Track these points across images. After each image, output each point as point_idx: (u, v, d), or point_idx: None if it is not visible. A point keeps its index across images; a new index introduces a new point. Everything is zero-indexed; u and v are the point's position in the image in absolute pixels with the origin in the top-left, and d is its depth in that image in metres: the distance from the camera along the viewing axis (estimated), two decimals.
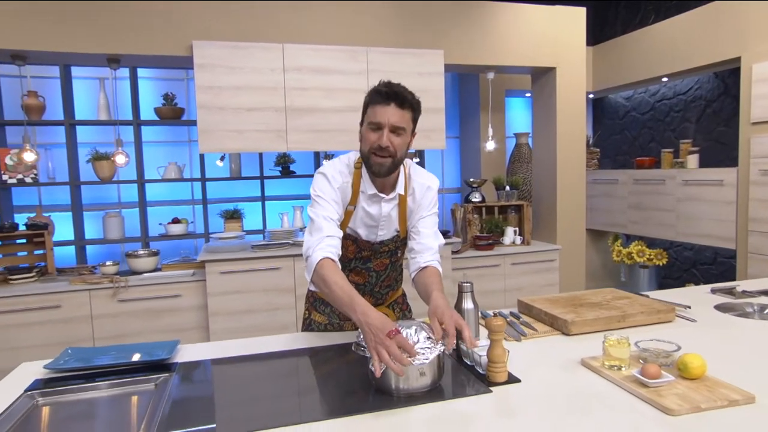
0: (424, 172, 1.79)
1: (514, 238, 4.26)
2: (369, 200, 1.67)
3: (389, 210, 1.70)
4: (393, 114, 1.53)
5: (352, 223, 1.71)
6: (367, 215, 1.69)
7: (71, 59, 3.62)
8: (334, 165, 1.68)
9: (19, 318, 3.25)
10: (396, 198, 1.69)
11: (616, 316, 1.73)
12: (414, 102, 1.59)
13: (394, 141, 1.55)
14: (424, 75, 3.81)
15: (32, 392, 1.34)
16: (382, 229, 1.72)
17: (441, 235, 1.78)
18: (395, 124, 1.54)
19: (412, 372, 1.23)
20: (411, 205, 1.73)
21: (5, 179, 4.05)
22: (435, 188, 1.76)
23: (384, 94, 1.53)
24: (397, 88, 1.55)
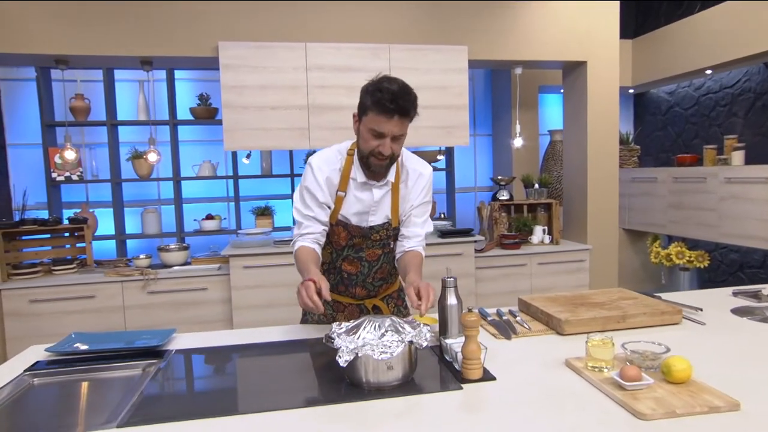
0: (417, 158, 1.81)
1: (543, 237, 4.15)
2: (360, 187, 1.71)
3: (380, 196, 1.72)
4: (396, 126, 1.55)
5: (344, 210, 1.73)
6: (358, 201, 1.72)
7: (108, 62, 3.81)
8: (322, 153, 1.74)
9: (59, 306, 3.46)
10: (387, 184, 1.72)
11: (616, 316, 1.66)
12: (414, 106, 1.58)
13: (394, 147, 1.60)
14: (447, 71, 3.77)
15: (30, 372, 1.43)
16: (372, 215, 1.75)
17: (431, 224, 1.85)
18: (397, 134, 1.58)
19: (379, 366, 1.23)
20: (403, 191, 1.76)
21: (54, 177, 4.31)
22: (427, 175, 1.78)
23: (389, 110, 1.51)
24: (402, 101, 1.52)
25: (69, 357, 1.53)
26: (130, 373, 1.44)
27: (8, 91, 4.62)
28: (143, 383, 1.32)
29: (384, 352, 1.19)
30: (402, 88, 1.54)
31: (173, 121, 4.44)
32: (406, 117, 1.56)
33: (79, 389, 1.38)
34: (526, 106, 4.90)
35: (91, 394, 1.36)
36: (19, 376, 1.41)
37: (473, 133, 5.35)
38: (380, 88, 1.53)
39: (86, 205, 4.54)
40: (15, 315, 3.42)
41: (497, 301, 3.93)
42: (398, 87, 1.53)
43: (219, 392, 1.32)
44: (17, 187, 4.61)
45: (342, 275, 1.82)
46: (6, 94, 4.61)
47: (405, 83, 1.58)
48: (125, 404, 1.19)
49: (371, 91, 1.56)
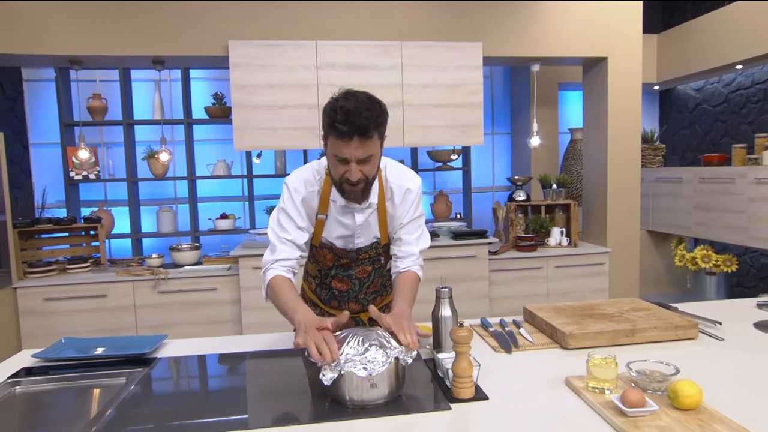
0: (403, 171, 1.64)
1: (561, 239, 4.02)
2: (341, 210, 1.58)
3: (364, 218, 1.60)
4: (357, 148, 1.36)
5: (326, 233, 1.62)
6: (341, 225, 1.60)
7: (120, 62, 3.83)
8: (299, 173, 1.60)
9: (73, 305, 3.49)
10: (371, 206, 1.59)
11: (624, 330, 1.56)
12: (379, 119, 1.39)
13: (364, 170, 1.43)
14: (461, 69, 3.67)
15: (13, 380, 1.41)
16: (358, 237, 1.63)
17: (427, 238, 1.70)
18: (362, 157, 1.39)
19: (363, 383, 1.16)
20: (390, 210, 1.62)
21: (72, 176, 4.36)
22: (415, 189, 1.62)
23: (344, 133, 1.33)
24: (359, 120, 1.32)
25: (56, 363, 1.51)
26: (114, 382, 1.41)
27: (31, 91, 4.70)
28: (121, 395, 1.28)
29: (366, 369, 1.12)
30: (360, 103, 1.35)
31: (188, 120, 4.44)
32: (367, 137, 1.35)
33: (59, 399, 1.35)
34: (546, 103, 4.76)
35: (69, 404, 1.33)
36: (4, 383, 1.39)
37: (491, 132, 5.23)
38: (335, 107, 1.36)
39: (103, 203, 4.59)
40: (30, 313, 3.46)
41: (511, 304, 3.82)
42: (355, 103, 1.34)
43: (193, 407, 1.26)
44: (39, 186, 4.70)
45: (333, 292, 1.74)
46: (29, 94, 4.69)
47: (367, 97, 1.40)
48: (99, 417, 1.15)
49: (327, 112, 1.39)
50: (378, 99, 1.44)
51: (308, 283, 1.80)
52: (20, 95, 4.71)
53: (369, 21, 3.66)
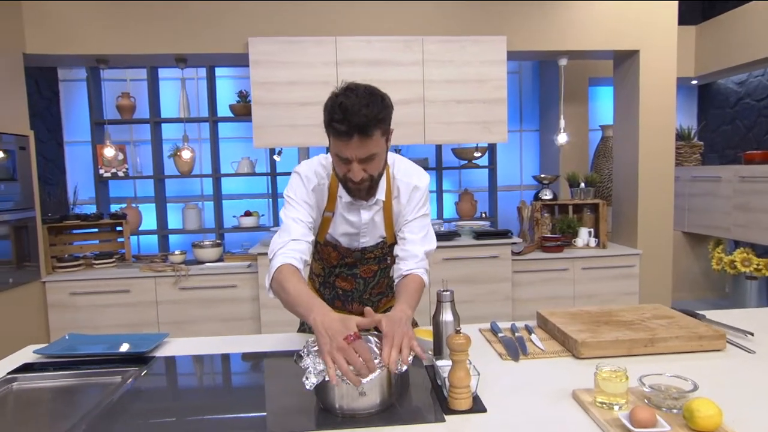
0: (411, 168, 1.58)
1: (588, 240, 3.87)
2: (347, 207, 1.52)
3: (370, 216, 1.54)
4: (358, 148, 1.30)
5: (332, 230, 1.57)
6: (347, 223, 1.54)
7: (144, 60, 3.88)
8: (310, 164, 1.55)
9: (98, 299, 3.56)
10: (377, 203, 1.53)
11: (643, 339, 1.45)
12: (380, 115, 1.30)
13: (368, 168, 1.37)
14: (485, 63, 3.56)
15: (12, 375, 1.41)
16: (364, 236, 1.58)
17: (432, 239, 1.60)
18: (363, 156, 1.33)
19: (351, 391, 1.10)
20: (396, 207, 1.56)
21: (102, 173, 4.46)
22: (423, 187, 1.55)
23: (343, 132, 1.27)
24: (357, 118, 1.25)
25: (56, 360, 1.51)
26: (109, 380, 1.39)
27: (66, 91, 4.83)
28: (111, 395, 1.26)
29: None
30: (360, 99, 1.27)
31: (213, 118, 4.47)
32: (367, 136, 1.28)
33: (51, 397, 1.34)
34: (575, 99, 4.60)
35: (60, 402, 1.32)
36: (3, 378, 1.39)
37: (519, 129, 5.10)
38: (334, 104, 1.29)
39: (131, 200, 4.68)
40: (57, 306, 3.54)
41: (535, 307, 3.69)
42: (354, 99, 1.26)
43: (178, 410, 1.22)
44: (72, 183, 4.83)
45: (337, 291, 1.69)
46: (64, 94, 4.83)
47: (368, 91, 1.31)
48: (84, 419, 1.13)
49: (327, 109, 1.32)
50: (380, 93, 1.35)
51: (312, 281, 1.77)
52: (56, 95, 4.85)
53: (390, 16, 3.59)
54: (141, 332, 3.55)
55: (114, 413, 1.17)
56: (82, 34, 3.49)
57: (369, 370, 1.05)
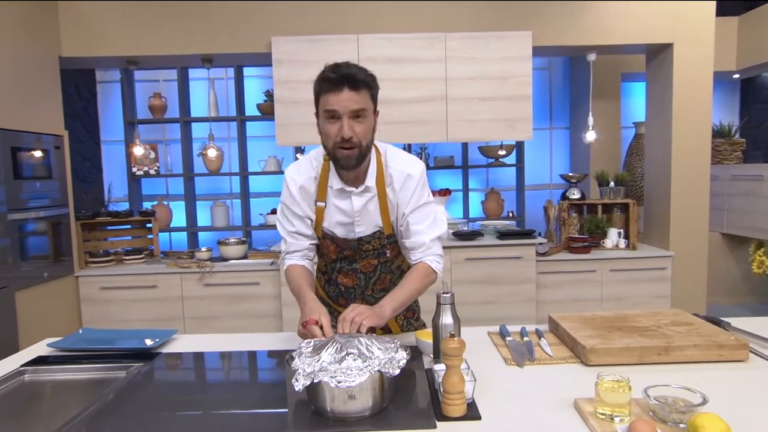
0: (402, 157, 1.59)
1: (618, 241, 3.74)
2: (338, 195, 1.56)
3: (362, 204, 1.55)
4: (348, 99, 1.38)
5: (327, 222, 1.59)
6: (339, 211, 1.57)
7: (172, 61, 3.96)
8: (297, 163, 1.62)
9: (126, 294, 3.66)
10: (369, 191, 1.54)
11: (657, 346, 1.38)
12: (368, 78, 1.43)
13: (356, 129, 1.41)
14: (509, 60, 3.48)
15: (26, 368, 1.46)
16: (359, 226, 1.58)
17: (440, 224, 1.61)
18: (353, 109, 1.39)
19: (340, 394, 1.09)
20: (392, 196, 1.56)
21: (134, 171, 4.59)
22: (417, 175, 1.55)
23: (334, 80, 1.38)
24: (346, 70, 1.40)
25: (68, 354, 1.55)
26: (114, 375, 1.42)
27: (103, 92, 5.00)
28: (112, 390, 1.28)
29: (340, 381, 1.05)
30: (349, 63, 1.43)
31: (240, 117, 4.54)
32: (360, 88, 1.40)
33: (58, 390, 1.38)
34: (607, 95, 4.45)
35: (65, 396, 1.36)
36: (16, 370, 1.44)
37: (549, 127, 4.98)
38: (324, 69, 1.44)
39: (162, 198, 4.80)
40: (89, 300, 3.67)
41: (560, 309, 3.58)
42: (345, 64, 1.42)
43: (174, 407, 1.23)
44: (108, 181, 5.00)
45: (339, 288, 1.68)
46: (101, 95, 5.00)
47: (359, 65, 1.45)
48: (81, 414, 1.15)
49: (317, 79, 1.46)
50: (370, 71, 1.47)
51: (318, 279, 1.77)
52: (94, 96, 5.01)
53: (412, 13, 3.56)
54: (167, 327, 3.64)
55: (109, 410, 1.19)
56: (113, 36, 3.60)
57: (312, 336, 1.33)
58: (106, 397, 1.23)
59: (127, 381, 1.35)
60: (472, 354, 1.49)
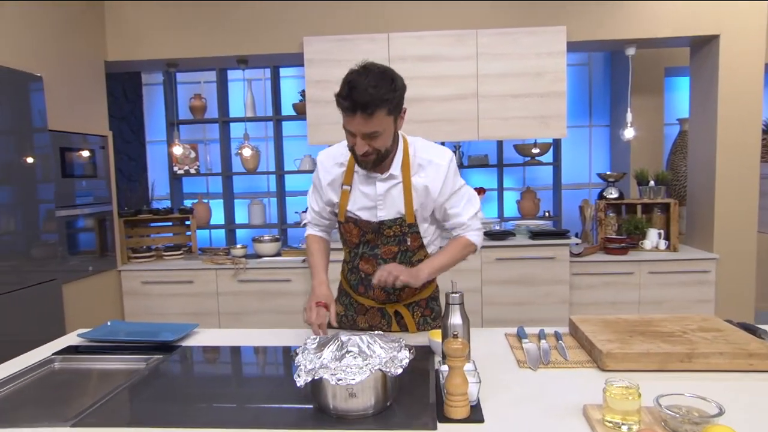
0: (431, 147, 1.63)
1: (658, 242, 3.59)
2: (363, 180, 1.61)
3: (386, 189, 1.60)
4: (361, 124, 1.40)
5: (351, 205, 1.64)
6: (364, 195, 1.62)
7: (209, 63, 4.07)
8: (329, 149, 1.71)
9: (165, 289, 3.80)
10: (394, 178, 1.59)
11: (679, 353, 1.32)
12: (386, 96, 1.38)
13: (372, 143, 1.45)
14: (542, 56, 3.40)
15: (57, 356, 1.54)
16: (381, 210, 1.62)
17: (473, 201, 1.67)
18: (366, 132, 1.42)
19: (340, 392, 1.09)
20: (420, 185, 1.59)
21: (176, 170, 4.75)
22: (445, 163, 1.59)
23: (347, 107, 1.38)
24: (359, 96, 1.35)
25: (96, 344, 1.63)
26: (134, 367, 1.48)
27: (148, 94, 5.20)
28: (129, 380, 1.34)
29: (340, 378, 1.05)
30: (370, 79, 1.36)
31: (276, 117, 4.62)
32: (370, 113, 1.37)
33: (84, 378, 1.45)
34: (649, 91, 4.28)
35: (89, 384, 1.42)
36: (47, 358, 1.52)
37: (589, 124, 4.83)
38: (345, 79, 1.41)
39: (202, 196, 4.95)
40: (131, 294, 3.82)
41: (595, 311, 3.50)
42: (365, 78, 1.36)
43: (187, 398, 1.27)
44: (152, 180, 5.21)
45: (360, 275, 1.71)
46: (146, 97, 5.20)
47: (381, 71, 1.40)
48: (101, 400, 1.21)
49: (339, 90, 1.43)
50: (393, 75, 1.44)
51: (342, 270, 1.82)
52: (139, 98, 5.22)
53: (442, 10, 3.52)
54: (203, 321, 3.75)
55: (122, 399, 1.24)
56: (153, 39, 3.74)
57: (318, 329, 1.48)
58: (122, 387, 1.29)
59: (146, 372, 1.40)
60: (486, 356, 1.47)
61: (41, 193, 3.03)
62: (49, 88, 3.08)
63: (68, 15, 3.36)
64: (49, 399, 1.32)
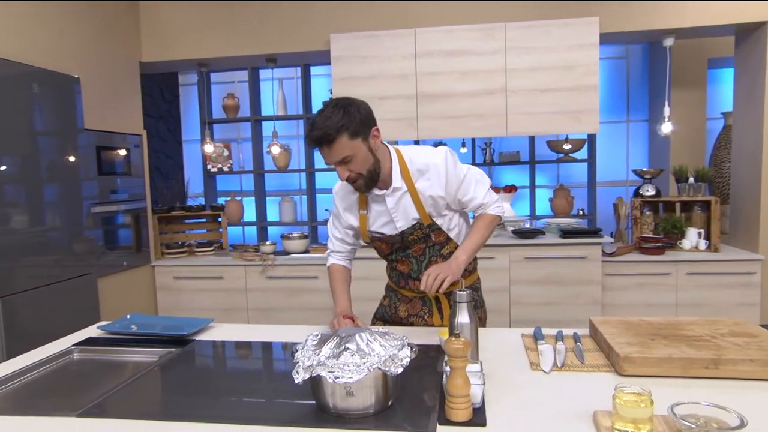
0: (425, 152, 1.68)
1: (698, 242, 3.42)
2: (375, 200, 1.70)
3: (395, 201, 1.67)
4: (327, 155, 1.51)
5: (372, 226, 1.73)
6: (379, 214, 1.71)
7: (239, 62, 4.13)
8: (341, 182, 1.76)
9: (196, 284, 3.88)
10: (398, 189, 1.65)
11: (703, 359, 1.24)
12: (340, 125, 1.46)
13: (352, 168, 1.53)
14: (574, 48, 3.29)
15: (77, 347, 1.58)
16: (398, 221, 1.70)
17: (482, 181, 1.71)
18: (337, 160, 1.51)
19: (338, 389, 1.07)
20: (425, 188, 1.64)
21: (209, 168, 4.85)
22: (442, 161, 1.63)
23: (312, 144, 1.50)
24: (315, 131, 1.47)
25: (114, 337, 1.66)
26: (147, 359, 1.50)
27: (184, 94, 5.34)
28: (140, 372, 1.36)
29: (338, 376, 1.03)
30: (323, 113, 1.47)
31: (306, 115, 4.65)
32: (331, 143, 1.47)
33: (100, 369, 1.49)
34: (691, 84, 4.09)
35: (103, 375, 1.45)
36: (67, 349, 1.57)
37: (626, 119, 4.66)
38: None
39: (234, 194, 5.04)
40: (164, 289, 3.92)
41: (628, 313, 3.36)
42: (319, 114, 1.49)
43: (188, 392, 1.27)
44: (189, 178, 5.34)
45: (400, 272, 1.80)
46: (183, 97, 5.34)
47: (334, 104, 1.49)
48: (108, 392, 1.23)
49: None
50: (348, 103, 1.50)
51: (386, 268, 1.89)
52: (176, 98, 5.37)
53: (469, 3, 3.45)
54: (232, 317, 3.82)
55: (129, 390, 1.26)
56: (185, 40, 3.82)
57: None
58: (131, 379, 1.31)
59: (156, 365, 1.42)
60: (498, 356, 1.43)
61: (79, 190, 3.14)
62: (86, 88, 3.19)
63: (105, 17, 3.47)
64: (64, 388, 1.36)
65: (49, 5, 2.98)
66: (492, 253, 3.37)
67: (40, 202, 2.88)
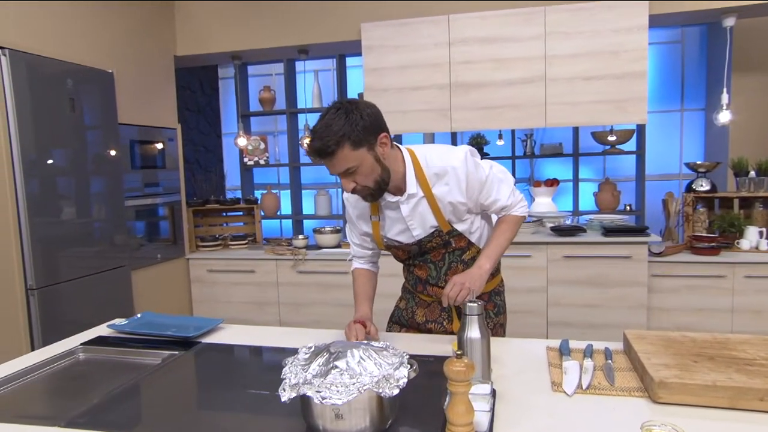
0: (443, 153, 1.54)
1: (758, 241, 3.12)
2: (389, 207, 1.58)
3: (411, 209, 1.55)
4: (330, 166, 1.40)
5: (387, 233, 1.63)
6: (393, 221, 1.61)
7: (271, 54, 4.09)
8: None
9: (229, 277, 3.89)
10: (414, 196, 1.53)
11: (758, 389, 1.06)
12: (340, 135, 1.32)
13: (357, 179, 1.42)
14: (620, 32, 3.05)
15: (83, 346, 1.56)
16: (414, 229, 1.58)
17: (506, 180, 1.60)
18: (340, 171, 1.40)
19: (324, 411, 0.97)
20: (443, 194, 1.52)
21: (246, 161, 4.87)
22: (461, 164, 1.49)
23: (313, 156, 1.39)
24: (314, 143, 1.36)
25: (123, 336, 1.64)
26: (151, 361, 1.46)
27: (224, 88, 5.38)
28: (138, 377, 1.31)
29: (324, 397, 0.93)
30: (323, 122, 1.35)
31: None
32: (332, 155, 1.35)
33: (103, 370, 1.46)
34: (755, 69, 3.74)
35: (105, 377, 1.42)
36: (74, 348, 1.55)
37: (680, 108, 4.34)
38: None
39: (270, 187, 5.04)
40: (198, 281, 3.96)
41: (677, 318, 3.12)
42: (320, 122, 1.36)
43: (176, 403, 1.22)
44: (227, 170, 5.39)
45: (417, 278, 1.70)
46: (222, 91, 5.39)
47: (336, 109, 1.35)
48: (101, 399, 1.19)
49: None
50: (352, 108, 1.36)
51: (403, 271, 1.80)
52: (216, 92, 5.42)
53: None
54: (263, 311, 3.82)
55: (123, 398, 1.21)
56: (218, 33, 3.81)
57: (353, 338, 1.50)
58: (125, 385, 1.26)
59: (156, 369, 1.37)
60: (517, 373, 1.30)
61: (114, 183, 3.19)
62: (120, 83, 3.22)
63: (140, 12, 3.49)
64: (61, 392, 1.33)
65: (84, 4, 3.01)
66: (529, 251, 3.19)
67: (85, 195, 2.95)
